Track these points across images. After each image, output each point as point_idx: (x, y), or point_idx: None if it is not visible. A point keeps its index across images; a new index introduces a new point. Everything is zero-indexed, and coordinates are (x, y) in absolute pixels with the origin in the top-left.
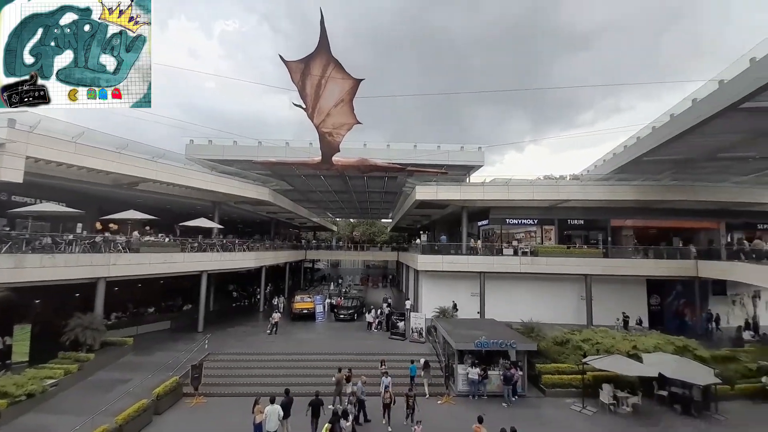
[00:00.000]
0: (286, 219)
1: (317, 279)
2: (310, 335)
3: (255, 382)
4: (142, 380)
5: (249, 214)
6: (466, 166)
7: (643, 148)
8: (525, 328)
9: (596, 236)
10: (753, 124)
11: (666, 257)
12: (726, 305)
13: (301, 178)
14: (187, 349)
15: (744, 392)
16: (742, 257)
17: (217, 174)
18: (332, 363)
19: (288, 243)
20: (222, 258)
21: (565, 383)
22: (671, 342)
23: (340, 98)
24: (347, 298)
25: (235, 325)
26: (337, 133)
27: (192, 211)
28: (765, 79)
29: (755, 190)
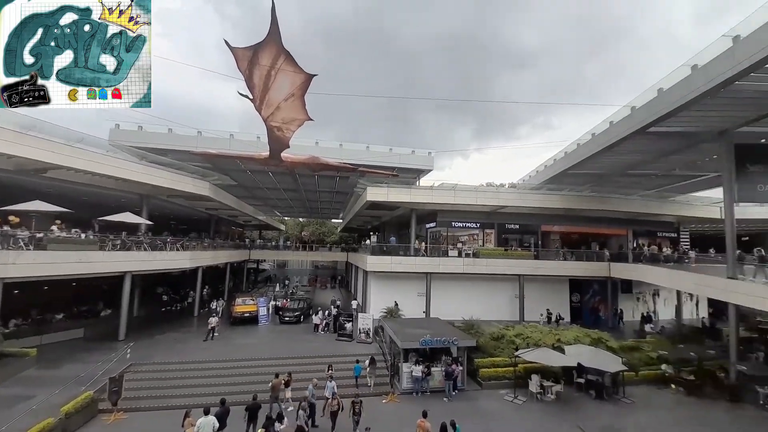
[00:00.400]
0: (229, 216)
1: (262, 280)
2: (252, 340)
3: (187, 393)
4: (49, 396)
5: (185, 210)
6: (417, 169)
7: (568, 163)
8: (466, 326)
9: (529, 240)
10: (657, 146)
11: (585, 259)
12: (632, 302)
13: (247, 173)
14: (104, 360)
15: (646, 378)
16: (643, 260)
17: (147, 164)
18: (274, 368)
19: (230, 242)
20: (150, 257)
21: (499, 376)
22: (588, 335)
23: (291, 92)
24: (294, 299)
25: (165, 332)
26: (287, 129)
27: (115, 204)
28: (668, 109)
29: (656, 203)
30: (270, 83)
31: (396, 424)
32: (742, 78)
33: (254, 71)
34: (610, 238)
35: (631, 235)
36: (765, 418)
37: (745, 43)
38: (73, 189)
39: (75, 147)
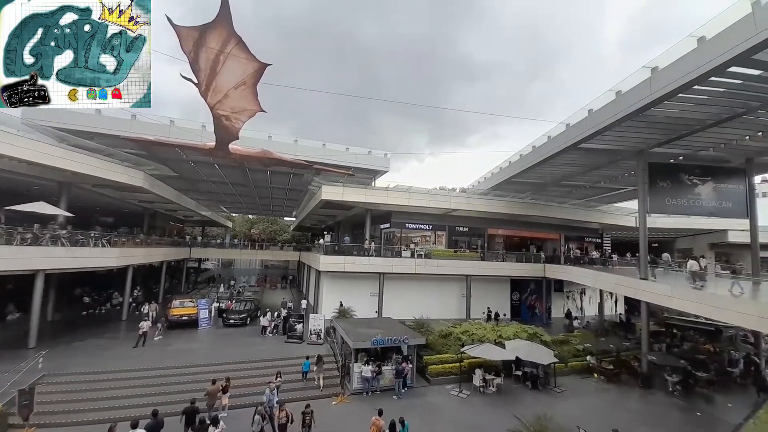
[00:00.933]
0: (167, 210)
1: (204, 281)
2: (191, 345)
3: (113, 406)
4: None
5: (115, 202)
6: (373, 170)
7: (512, 171)
8: (416, 324)
9: (476, 242)
10: (587, 160)
11: (524, 261)
12: (563, 299)
13: (190, 164)
14: (12, 371)
15: (574, 368)
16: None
17: (69, 147)
18: (215, 375)
19: (167, 239)
20: (70, 254)
21: (447, 372)
22: (525, 330)
23: (242, 80)
24: (240, 301)
25: (86, 338)
26: (237, 119)
27: (27, 192)
28: (596, 128)
29: (584, 211)
30: (218, 68)
31: (346, 426)
32: (657, 105)
33: (201, 54)
34: (546, 242)
35: (563, 239)
36: (673, 404)
37: (660, 75)
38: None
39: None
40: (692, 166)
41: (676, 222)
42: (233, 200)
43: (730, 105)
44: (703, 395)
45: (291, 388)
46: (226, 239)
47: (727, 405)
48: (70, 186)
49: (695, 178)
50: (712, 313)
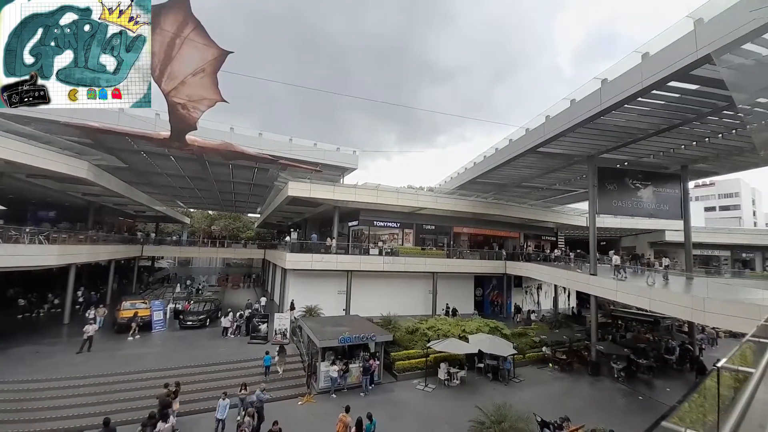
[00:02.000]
0: (115, 205)
1: (158, 280)
2: (143, 349)
3: (56, 416)
4: None
5: (54, 194)
6: (341, 167)
7: (476, 172)
8: (384, 321)
9: (443, 240)
10: (544, 163)
11: (487, 258)
12: (521, 294)
13: (142, 155)
14: None
15: (531, 359)
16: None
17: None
18: (169, 380)
19: (116, 235)
20: (1, 251)
21: (413, 367)
22: (487, 324)
23: (201, 67)
24: (198, 301)
25: (21, 345)
26: (194, 108)
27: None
28: (552, 134)
29: (541, 211)
30: (174, 53)
31: (312, 425)
32: (606, 114)
33: (154, 36)
34: (507, 240)
35: (522, 238)
36: (618, 389)
37: (609, 86)
38: None
39: None
40: (635, 171)
41: (621, 222)
42: (191, 195)
43: (668, 116)
44: (644, 381)
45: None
46: (183, 236)
47: (666, 389)
48: (1, 176)
49: (638, 182)
50: (651, 306)
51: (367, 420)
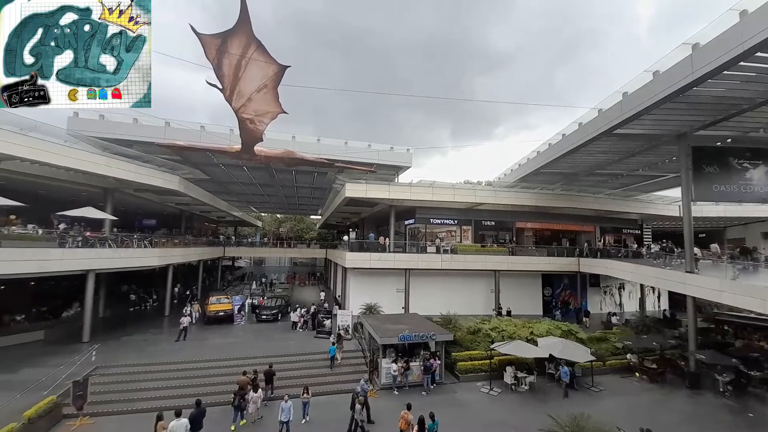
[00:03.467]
0: (201, 212)
1: (237, 278)
2: (227, 339)
3: (158, 396)
4: (8, 402)
5: (154, 205)
6: (395, 166)
7: (540, 162)
8: (444, 320)
9: (504, 236)
10: (622, 147)
11: (556, 255)
12: (599, 295)
13: (220, 167)
14: (67, 363)
15: (613, 367)
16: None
17: (111, 155)
18: (251, 368)
19: (203, 239)
20: (116, 255)
21: (476, 368)
22: (559, 327)
23: (263, 83)
24: (271, 297)
25: (132, 333)
26: (260, 121)
27: (76, 198)
28: (632, 112)
29: (621, 202)
30: (241, 73)
31: (376, 418)
32: (700, 84)
33: (223, 60)
34: (580, 234)
35: (598, 232)
36: (723, 405)
37: (702, 52)
38: (29, 181)
39: (27, 136)
40: (742, 149)
41: (725, 210)
42: (262, 200)
43: None
44: (756, 396)
45: (323, 382)
46: (257, 238)
47: None
48: (114, 191)
49: (745, 162)
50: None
51: (429, 419)
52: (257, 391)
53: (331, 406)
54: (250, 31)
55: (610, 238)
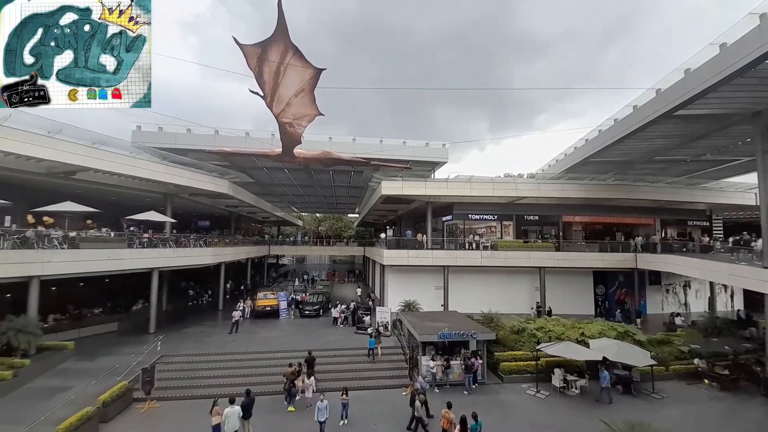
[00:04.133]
0: (248, 213)
1: (281, 275)
2: (274, 333)
3: (214, 384)
4: (86, 387)
5: (207, 208)
6: (431, 162)
7: (590, 150)
8: (485, 319)
9: (549, 231)
10: (685, 129)
11: (609, 250)
12: (660, 294)
13: (264, 170)
14: (137, 352)
15: (677, 372)
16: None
17: (169, 164)
18: (295, 360)
19: (250, 238)
20: (176, 254)
21: (521, 369)
22: (614, 328)
23: (301, 87)
24: (313, 293)
25: (191, 325)
26: (298, 124)
27: (140, 203)
28: (696, 90)
29: (686, 191)
30: (280, 79)
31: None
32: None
33: (264, 68)
34: (637, 228)
35: (658, 225)
36: None
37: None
38: (101, 190)
39: (100, 149)
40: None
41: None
42: (302, 200)
43: None
44: None
45: (363, 377)
46: (298, 237)
47: None
48: (172, 196)
49: None
50: None
51: (472, 419)
52: (310, 378)
53: (370, 402)
54: (287, 38)
55: (673, 231)
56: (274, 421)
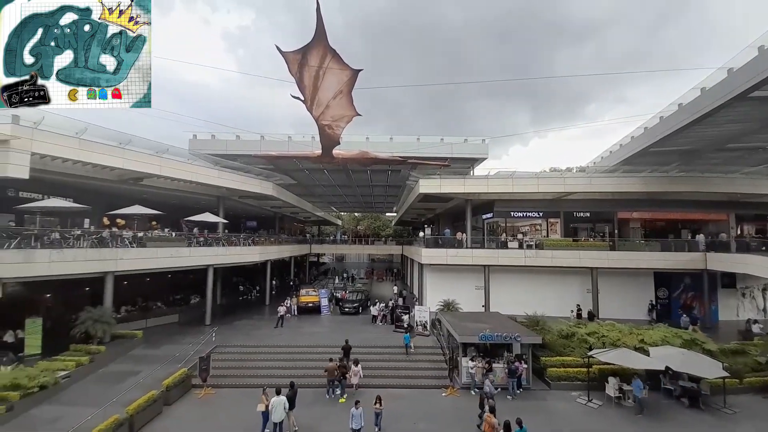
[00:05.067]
0: (291, 213)
1: (322, 273)
2: (316, 328)
3: (262, 374)
4: (152, 372)
5: (253, 209)
6: (470, 158)
7: (650, 139)
8: (530, 321)
9: (603, 229)
10: (764, 113)
11: (674, 249)
12: (735, 298)
13: (304, 172)
14: (195, 342)
15: (753, 385)
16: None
17: (221, 169)
18: (336, 356)
19: (293, 237)
20: (227, 252)
21: (570, 376)
22: (679, 335)
23: (339, 89)
24: (352, 291)
25: (241, 319)
26: (337, 126)
27: (196, 206)
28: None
29: (766, 182)
30: (319, 83)
31: (459, 417)
32: None
33: (304, 73)
34: (706, 224)
35: (733, 220)
36: None
37: None
38: (163, 194)
39: (163, 157)
40: None
41: None
42: (341, 200)
43: None
44: None
45: (402, 375)
46: (337, 236)
47: None
48: (224, 198)
49: None
50: None
51: (516, 425)
52: (357, 365)
53: (409, 401)
54: (326, 42)
55: (751, 228)
56: (315, 413)
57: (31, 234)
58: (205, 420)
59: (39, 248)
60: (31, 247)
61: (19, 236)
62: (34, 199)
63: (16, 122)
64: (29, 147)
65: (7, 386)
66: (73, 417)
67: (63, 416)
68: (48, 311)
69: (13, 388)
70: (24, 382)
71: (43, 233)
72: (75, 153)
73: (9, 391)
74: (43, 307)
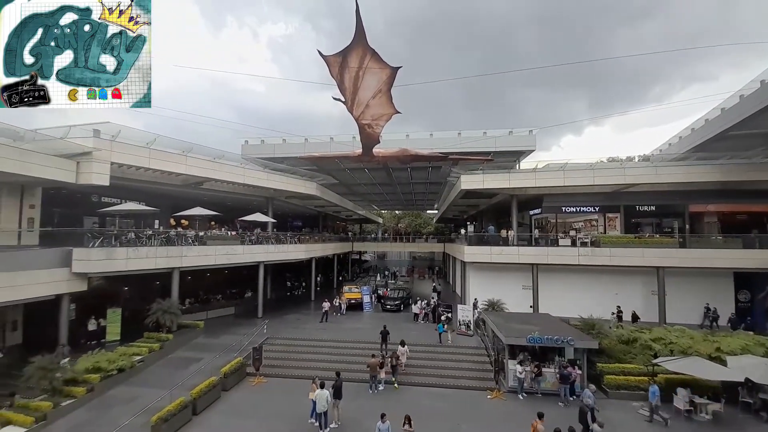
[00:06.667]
0: (333, 212)
1: (364, 270)
2: (358, 324)
3: (308, 366)
4: (212, 360)
5: (299, 209)
6: (516, 152)
7: (729, 121)
8: (584, 325)
9: (671, 224)
10: None
11: (758, 247)
12: None
13: (346, 171)
14: (248, 333)
15: None
16: None
17: (270, 171)
18: (377, 352)
19: (335, 235)
20: (276, 250)
21: (631, 385)
22: (762, 343)
23: (378, 89)
24: (394, 289)
25: (289, 313)
26: (377, 125)
27: (248, 206)
28: None
29: None
30: (359, 83)
31: (506, 421)
32: None
33: (344, 74)
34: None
35: None
36: None
37: None
38: (219, 196)
39: (219, 162)
40: None
41: None
42: (381, 198)
43: None
44: None
45: (446, 375)
46: (379, 234)
47: None
48: (272, 199)
49: None
50: None
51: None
52: (404, 346)
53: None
54: (365, 42)
55: None
56: (359, 407)
57: (112, 234)
58: (258, 406)
59: (118, 247)
60: (111, 246)
61: (102, 236)
62: (113, 203)
63: (97, 135)
64: (109, 157)
65: (89, 369)
66: (147, 397)
67: (138, 396)
68: (125, 302)
69: (95, 371)
70: (104, 365)
71: (121, 233)
72: (146, 161)
73: (91, 374)
74: (122, 299)
